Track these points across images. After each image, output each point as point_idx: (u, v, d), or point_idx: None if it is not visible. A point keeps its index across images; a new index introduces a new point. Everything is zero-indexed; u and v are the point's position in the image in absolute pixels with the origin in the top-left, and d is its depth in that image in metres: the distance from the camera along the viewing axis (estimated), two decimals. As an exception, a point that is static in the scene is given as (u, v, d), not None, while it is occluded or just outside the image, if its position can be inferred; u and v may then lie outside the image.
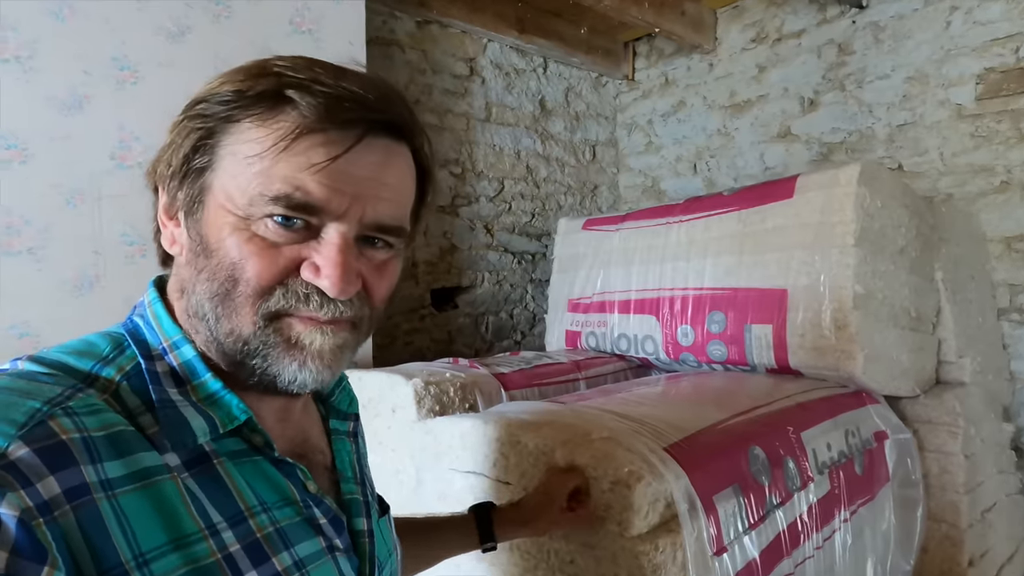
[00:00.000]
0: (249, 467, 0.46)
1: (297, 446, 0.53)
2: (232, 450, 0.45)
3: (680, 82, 2.71)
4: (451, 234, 2.33)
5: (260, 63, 0.45)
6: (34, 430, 0.35)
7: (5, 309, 1.35)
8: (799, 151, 2.32)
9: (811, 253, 1.37)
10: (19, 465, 0.34)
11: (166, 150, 0.46)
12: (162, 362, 0.45)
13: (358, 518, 0.54)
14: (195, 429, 0.42)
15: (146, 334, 0.46)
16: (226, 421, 0.44)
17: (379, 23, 2.12)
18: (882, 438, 1.35)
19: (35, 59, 1.38)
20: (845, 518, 1.14)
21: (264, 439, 0.46)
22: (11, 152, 1.37)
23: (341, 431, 0.59)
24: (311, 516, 0.48)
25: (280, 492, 0.47)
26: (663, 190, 2.79)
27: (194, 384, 0.45)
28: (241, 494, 0.44)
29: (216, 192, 0.44)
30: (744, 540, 0.87)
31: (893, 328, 1.42)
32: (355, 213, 0.44)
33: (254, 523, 0.43)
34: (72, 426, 0.37)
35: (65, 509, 0.35)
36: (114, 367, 0.43)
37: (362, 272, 0.46)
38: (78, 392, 0.39)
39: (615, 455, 0.77)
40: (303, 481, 0.49)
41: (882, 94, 2.09)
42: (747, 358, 1.47)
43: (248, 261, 0.43)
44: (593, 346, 1.88)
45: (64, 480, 0.35)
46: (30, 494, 0.33)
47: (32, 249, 1.39)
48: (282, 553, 0.44)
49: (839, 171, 1.38)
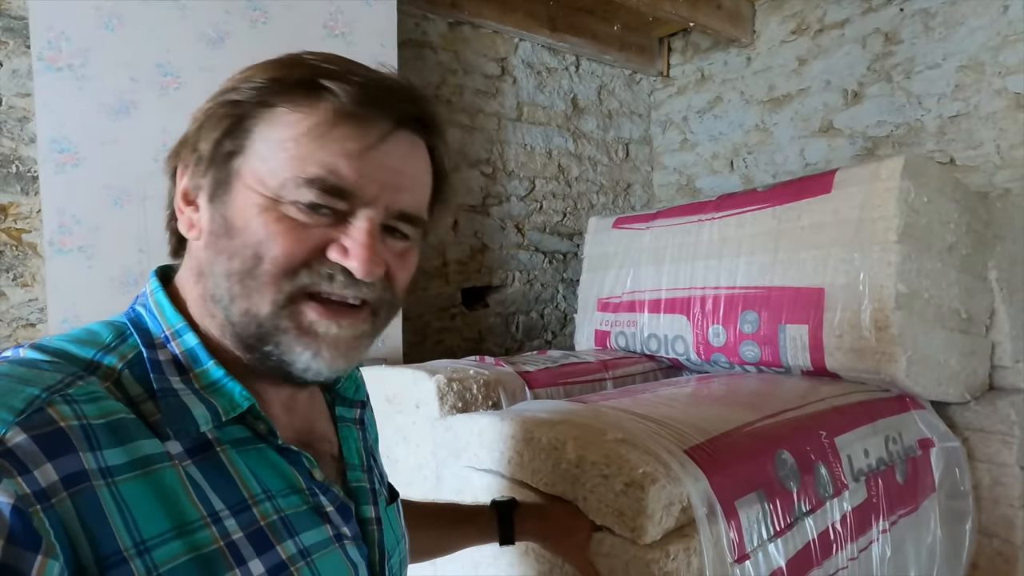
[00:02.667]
0: (254, 455, 0.46)
1: (303, 435, 0.53)
2: (236, 438, 0.45)
3: (716, 77, 2.64)
4: (482, 233, 2.34)
5: (293, 55, 0.46)
6: (32, 417, 0.35)
7: (58, 304, 1.43)
8: (842, 146, 2.22)
9: (850, 250, 1.31)
10: (16, 452, 0.34)
11: (192, 136, 0.46)
12: (164, 350, 0.45)
13: (365, 506, 0.54)
14: (197, 417, 0.42)
15: (148, 322, 0.47)
16: (228, 409, 0.44)
17: (411, 25, 2.14)
18: (928, 446, 1.27)
19: (87, 67, 1.45)
20: (884, 528, 1.08)
21: (268, 427, 0.46)
22: (64, 156, 1.45)
23: (347, 418, 0.59)
24: (318, 504, 0.48)
25: (286, 480, 0.47)
26: (698, 188, 2.73)
27: (196, 372, 0.45)
28: (244, 482, 0.44)
29: (245, 176, 0.44)
30: (769, 548, 0.83)
31: (940, 329, 1.34)
32: (383, 201, 0.45)
33: (258, 511, 0.43)
34: (71, 413, 0.37)
35: (62, 496, 0.35)
36: (116, 355, 0.43)
37: (386, 258, 0.47)
38: (78, 380, 0.39)
39: (628, 456, 0.75)
40: (309, 469, 0.49)
41: (932, 84, 1.98)
42: (781, 359, 1.42)
43: (276, 239, 0.43)
44: (623, 346, 1.85)
45: (62, 467, 0.35)
46: (27, 481, 0.33)
47: (83, 247, 1.46)
48: (286, 541, 0.44)
49: (881, 164, 1.31)
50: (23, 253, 1.45)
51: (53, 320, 1.41)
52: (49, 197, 1.40)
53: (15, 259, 1.43)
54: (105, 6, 1.45)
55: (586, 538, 0.76)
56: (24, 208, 1.44)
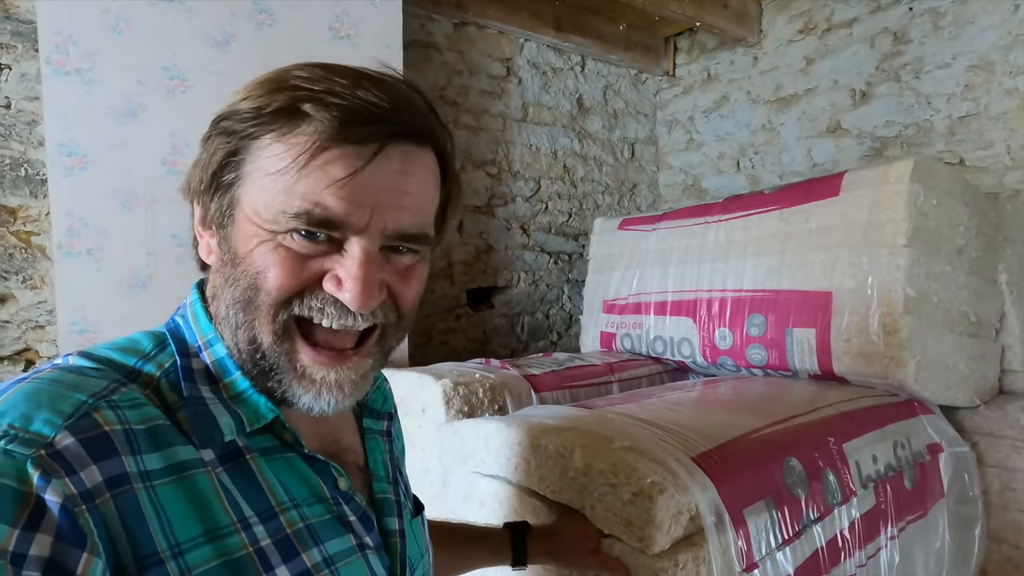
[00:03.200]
0: (281, 463, 0.47)
1: (329, 445, 0.54)
2: (264, 446, 0.46)
3: (723, 77, 2.62)
4: (487, 234, 2.34)
5: (278, 75, 0.45)
6: (80, 421, 0.37)
7: (67, 306, 1.44)
8: (850, 146, 2.21)
9: (858, 254, 1.30)
10: (65, 454, 0.36)
11: (196, 166, 0.47)
12: (197, 359, 0.47)
13: (389, 517, 0.55)
14: (222, 426, 0.44)
15: (185, 333, 0.48)
16: (253, 420, 0.45)
17: (417, 26, 2.14)
18: (936, 451, 1.26)
19: (94, 71, 1.46)
20: (892, 535, 1.07)
21: (294, 437, 0.47)
22: (73, 159, 1.45)
23: (375, 430, 0.59)
24: (341, 513, 0.49)
25: (311, 489, 0.48)
26: (704, 189, 2.72)
27: (225, 382, 0.46)
28: (272, 490, 0.45)
29: (244, 206, 0.45)
30: (777, 556, 0.83)
31: (949, 334, 1.33)
32: (377, 225, 0.44)
33: (284, 519, 0.44)
34: (115, 418, 0.39)
35: (106, 497, 0.36)
36: (155, 364, 0.45)
37: (387, 280, 0.46)
38: (122, 386, 0.41)
39: (636, 465, 0.75)
40: (335, 478, 0.50)
41: (942, 84, 1.96)
42: (788, 363, 1.41)
43: (271, 270, 0.43)
44: (628, 348, 1.85)
45: (106, 469, 0.37)
46: (74, 482, 0.35)
47: (91, 250, 1.47)
48: (312, 549, 0.45)
49: (890, 167, 1.30)
50: (32, 256, 1.45)
51: (62, 322, 1.42)
52: (57, 200, 1.41)
53: (24, 262, 1.44)
54: (112, 9, 1.46)
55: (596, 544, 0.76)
56: (33, 211, 1.45)
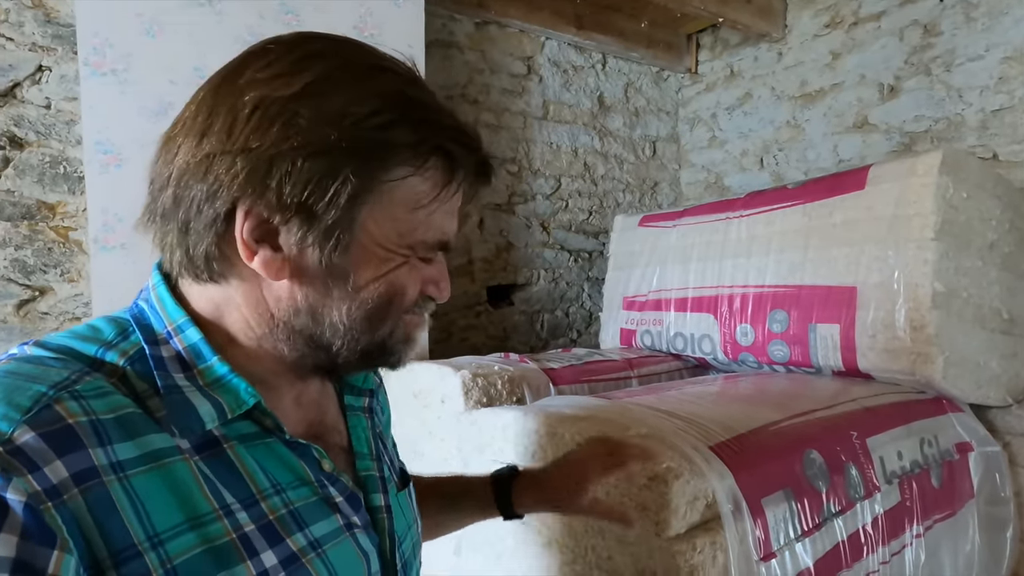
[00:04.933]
0: (261, 449, 0.46)
1: (314, 427, 0.53)
2: (243, 433, 0.45)
3: (746, 73, 2.59)
4: (507, 232, 2.35)
5: (389, 89, 0.44)
6: (40, 414, 0.35)
7: (102, 298, 1.49)
8: (877, 142, 2.16)
9: (884, 248, 1.28)
10: (25, 450, 0.34)
11: (279, 172, 0.41)
12: (167, 346, 0.44)
13: (375, 494, 0.54)
14: (203, 415, 0.42)
15: (151, 319, 0.46)
16: (234, 406, 0.44)
17: (439, 26, 2.17)
18: (966, 450, 1.23)
19: (129, 71, 1.51)
20: (918, 533, 1.05)
21: (274, 422, 0.46)
22: (108, 157, 1.51)
23: (356, 407, 0.59)
24: (327, 495, 0.49)
25: (295, 472, 0.47)
26: (727, 186, 2.69)
27: (200, 368, 0.44)
28: (252, 477, 0.44)
29: (371, 232, 0.45)
30: (796, 547, 0.82)
31: (980, 330, 1.30)
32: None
33: (266, 505, 0.44)
34: (79, 409, 0.37)
35: (74, 492, 0.35)
36: (117, 351, 0.43)
37: None
38: (85, 375, 0.39)
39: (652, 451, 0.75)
40: (318, 460, 0.49)
41: (974, 77, 1.91)
42: (811, 359, 1.39)
43: (410, 288, 0.49)
44: (648, 345, 1.84)
45: (71, 463, 0.35)
46: (37, 478, 0.34)
47: (125, 245, 1.52)
48: (296, 534, 0.45)
49: (917, 160, 1.27)
50: (70, 250, 1.51)
51: (97, 313, 1.47)
52: (94, 196, 1.47)
53: (62, 255, 1.50)
54: (147, 13, 1.51)
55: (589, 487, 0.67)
56: (71, 207, 1.51)
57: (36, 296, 1.47)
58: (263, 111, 0.42)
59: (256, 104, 0.42)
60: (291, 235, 0.43)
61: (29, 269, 1.45)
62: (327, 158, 0.41)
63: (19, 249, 1.44)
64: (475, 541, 0.99)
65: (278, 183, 0.41)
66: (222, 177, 0.42)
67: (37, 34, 1.45)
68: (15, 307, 1.44)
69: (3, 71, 1.41)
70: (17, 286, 1.44)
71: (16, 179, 1.44)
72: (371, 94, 0.43)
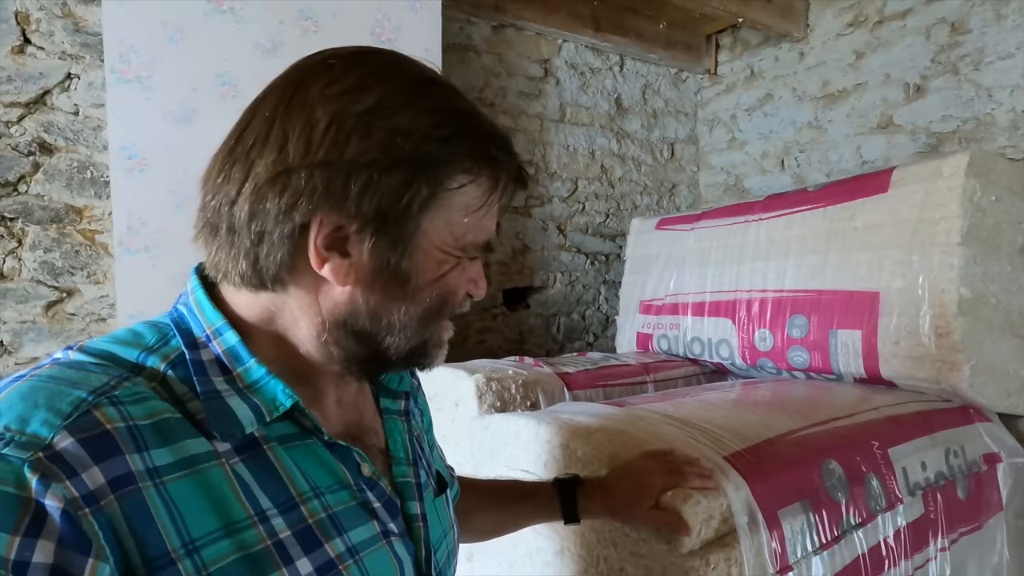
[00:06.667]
0: (301, 451, 0.46)
1: (352, 428, 0.53)
2: (282, 434, 0.45)
3: (767, 74, 2.55)
4: (523, 234, 2.35)
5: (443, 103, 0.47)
6: (79, 420, 0.36)
7: (126, 300, 1.53)
8: (903, 143, 2.11)
9: (908, 252, 1.25)
10: (64, 455, 0.34)
11: (355, 182, 0.43)
12: (207, 350, 0.45)
13: (411, 502, 0.54)
14: (242, 419, 0.43)
15: (190, 323, 0.46)
16: (272, 408, 0.44)
17: (456, 30, 2.17)
18: (994, 461, 1.19)
19: (153, 78, 1.54)
20: (943, 547, 1.02)
21: (313, 423, 0.46)
22: (133, 162, 1.54)
23: (392, 410, 0.59)
24: (366, 500, 0.48)
25: (334, 475, 0.47)
26: (747, 188, 2.65)
27: (239, 371, 0.45)
28: (292, 480, 0.44)
29: (431, 236, 0.47)
30: (814, 560, 0.80)
31: (1010, 337, 1.26)
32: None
33: (306, 509, 0.44)
34: (117, 415, 0.37)
35: (110, 499, 0.35)
36: (158, 356, 0.43)
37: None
38: (124, 381, 0.40)
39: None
40: (358, 463, 0.49)
41: (1005, 75, 1.86)
42: (832, 366, 1.36)
43: (461, 288, 0.51)
44: (665, 349, 1.82)
45: (109, 470, 0.36)
46: (75, 484, 0.34)
47: (148, 248, 1.55)
48: (335, 540, 0.44)
49: (943, 161, 1.24)
50: (96, 253, 1.55)
51: (121, 315, 1.51)
52: (119, 201, 1.50)
53: (89, 258, 1.54)
54: (170, 21, 1.54)
55: (655, 498, 0.73)
56: (97, 211, 1.55)
57: (64, 297, 1.51)
58: (338, 126, 0.43)
59: (331, 119, 0.43)
60: (362, 242, 0.45)
61: (57, 271, 1.49)
62: (401, 170, 0.44)
63: (48, 252, 1.48)
64: (488, 548, 0.99)
65: (357, 194, 0.43)
66: (301, 189, 0.43)
67: (67, 43, 1.49)
68: (44, 308, 1.48)
69: (34, 79, 1.46)
70: (46, 288, 1.48)
71: (46, 183, 1.48)
72: (429, 108, 0.45)
